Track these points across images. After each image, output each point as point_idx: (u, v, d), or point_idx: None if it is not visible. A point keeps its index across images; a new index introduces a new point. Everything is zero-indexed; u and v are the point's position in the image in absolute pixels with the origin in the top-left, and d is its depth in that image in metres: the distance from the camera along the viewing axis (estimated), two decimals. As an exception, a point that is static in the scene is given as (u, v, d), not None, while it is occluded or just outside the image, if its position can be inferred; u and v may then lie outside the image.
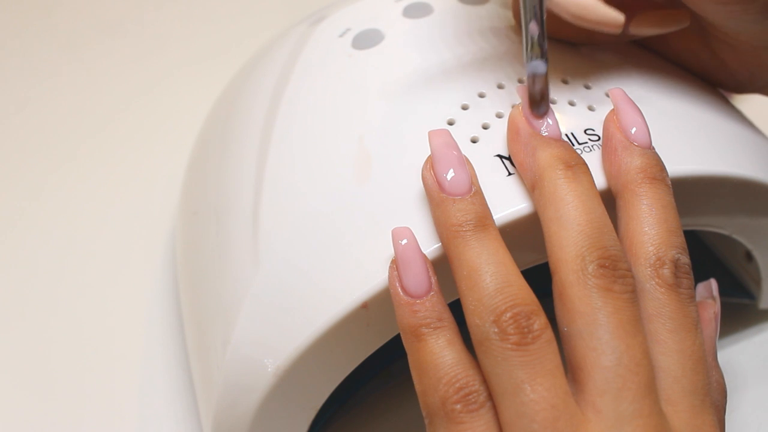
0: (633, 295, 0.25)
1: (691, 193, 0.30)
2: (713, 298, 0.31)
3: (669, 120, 0.31)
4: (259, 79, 0.37)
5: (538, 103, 0.28)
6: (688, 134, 0.31)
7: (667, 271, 0.25)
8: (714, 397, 0.27)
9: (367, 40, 0.34)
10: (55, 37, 0.61)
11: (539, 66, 0.28)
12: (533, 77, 0.28)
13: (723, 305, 0.31)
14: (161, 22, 0.62)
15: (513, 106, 0.29)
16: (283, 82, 0.35)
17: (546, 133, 0.28)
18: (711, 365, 0.28)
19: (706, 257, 0.39)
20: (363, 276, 0.27)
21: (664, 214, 0.26)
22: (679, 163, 0.30)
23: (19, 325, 0.41)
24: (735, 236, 0.33)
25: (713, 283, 0.31)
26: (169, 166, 0.46)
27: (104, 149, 0.51)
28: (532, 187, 0.27)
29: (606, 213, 0.26)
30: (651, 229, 0.26)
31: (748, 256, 0.36)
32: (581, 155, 0.28)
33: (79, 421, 0.37)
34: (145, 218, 0.46)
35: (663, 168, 0.27)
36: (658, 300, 0.25)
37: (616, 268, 0.25)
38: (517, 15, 0.32)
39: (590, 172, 0.27)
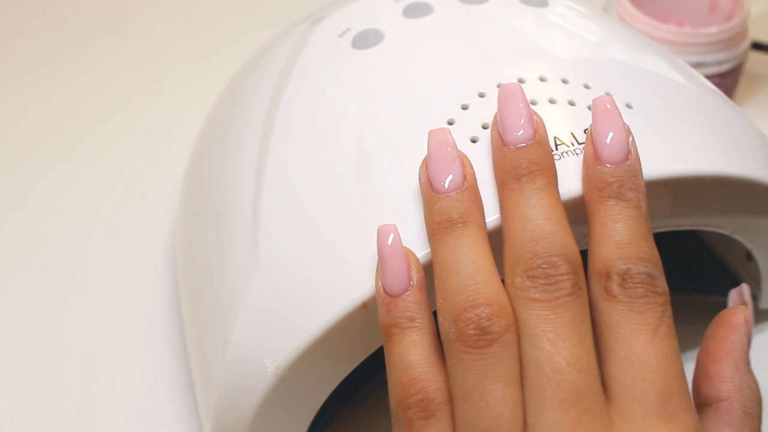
0: (569, 299, 0.24)
1: (691, 193, 0.30)
2: (745, 303, 0.30)
3: (669, 120, 0.31)
4: (259, 79, 0.37)
5: None
6: (688, 134, 0.31)
7: (612, 284, 0.25)
8: (746, 404, 0.27)
9: (367, 40, 0.34)
10: (54, 36, 0.61)
11: None
12: None
13: (722, 305, 0.31)
14: (161, 22, 0.62)
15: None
16: (283, 81, 0.35)
17: (516, 142, 0.27)
18: (743, 370, 0.27)
19: (706, 257, 0.39)
20: (362, 276, 0.27)
21: (615, 228, 0.26)
22: (679, 163, 0.30)
23: (18, 326, 0.41)
24: (735, 236, 0.33)
25: (745, 288, 0.31)
26: (169, 166, 0.46)
27: (104, 149, 0.51)
28: None
29: (553, 217, 0.25)
30: (601, 245, 0.26)
31: (748, 256, 0.36)
32: (582, 154, 0.28)
33: (79, 420, 0.37)
34: (145, 218, 0.46)
35: (624, 183, 0.26)
36: (605, 312, 0.25)
37: (547, 276, 0.24)
38: None
39: (545, 176, 0.26)
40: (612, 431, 0.23)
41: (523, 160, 0.27)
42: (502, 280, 0.25)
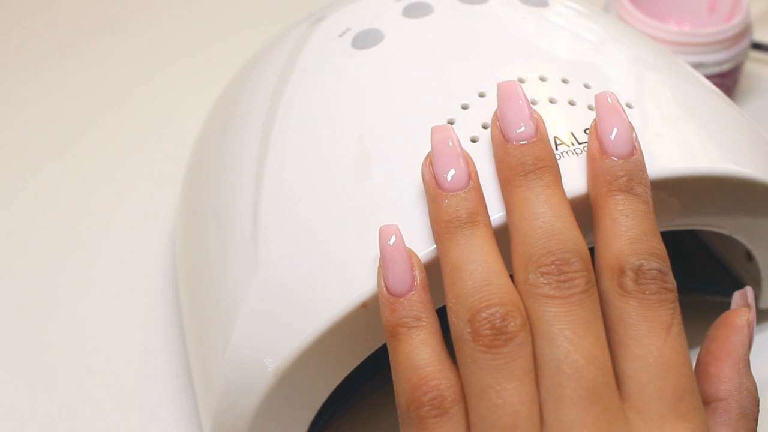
0: (583, 296, 0.24)
1: (691, 193, 0.30)
2: (748, 305, 0.30)
3: (669, 119, 0.31)
4: (259, 79, 0.37)
5: None
6: (688, 133, 0.31)
7: (626, 279, 0.25)
8: (744, 405, 0.27)
9: (367, 40, 0.34)
10: (54, 35, 0.61)
11: None
12: None
13: (722, 305, 0.31)
14: (161, 22, 0.62)
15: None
16: (282, 81, 0.35)
17: (519, 139, 0.27)
18: (742, 371, 0.27)
19: (706, 257, 0.39)
20: (362, 276, 0.27)
21: (627, 223, 0.26)
22: (679, 162, 0.30)
23: (19, 325, 0.41)
24: (735, 236, 0.33)
25: (749, 290, 0.31)
26: (169, 166, 0.46)
27: (104, 149, 0.51)
28: None
29: (563, 214, 0.26)
30: (613, 240, 0.25)
31: (748, 256, 0.36)
32: (582, 154, 0.28)
33: (79, 421, 0.37)
34: (145, 218, 0.46)
35: (633, 177, 0.26)
36: (619, 308, 0.25)
37: (560, 272, 0.24)
38: None
39: (552, 173, 0.26)
40: (630, 429, 0.23)
41: (529, 156, 0.27)
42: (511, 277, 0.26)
